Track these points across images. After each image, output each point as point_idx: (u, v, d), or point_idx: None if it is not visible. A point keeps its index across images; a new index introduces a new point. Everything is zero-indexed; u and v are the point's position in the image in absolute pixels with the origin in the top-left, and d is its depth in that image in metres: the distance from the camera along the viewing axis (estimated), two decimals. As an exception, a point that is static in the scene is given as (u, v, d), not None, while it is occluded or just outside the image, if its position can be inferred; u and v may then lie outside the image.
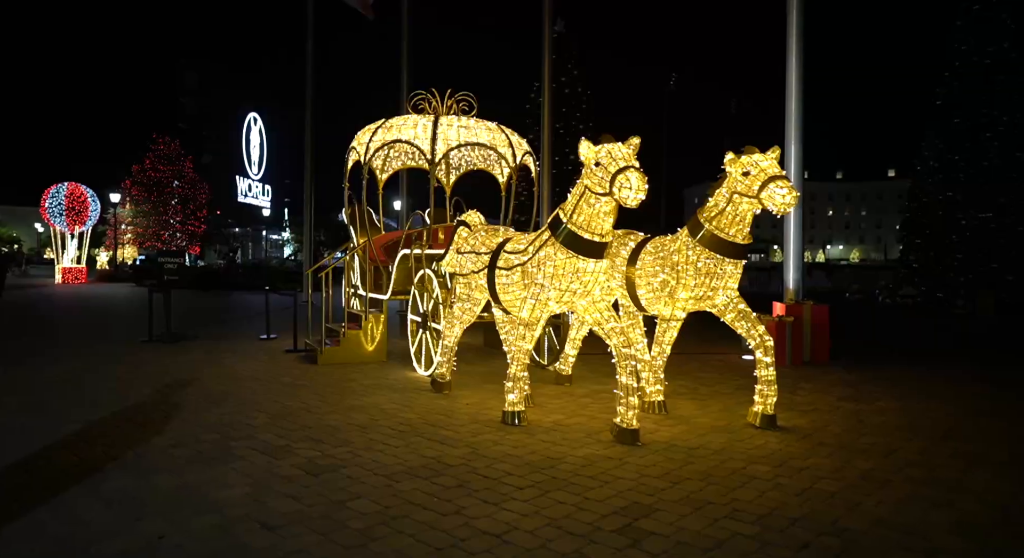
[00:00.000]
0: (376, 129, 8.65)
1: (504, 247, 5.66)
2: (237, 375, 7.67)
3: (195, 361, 8.64)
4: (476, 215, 6.57)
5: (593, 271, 5.08)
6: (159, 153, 35.85)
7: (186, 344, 10.26)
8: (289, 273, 29.22)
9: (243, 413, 5.84)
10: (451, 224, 8.80)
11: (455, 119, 8.68)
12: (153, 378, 7.44)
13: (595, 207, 4.89)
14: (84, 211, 29.33)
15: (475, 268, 5.99)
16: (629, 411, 4.96)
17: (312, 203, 19.54)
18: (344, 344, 8.60)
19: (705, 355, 9.45)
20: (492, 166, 10.60)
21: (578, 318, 6.90)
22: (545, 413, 5.89)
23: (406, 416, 5.74)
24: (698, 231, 5.44)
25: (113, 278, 31.01)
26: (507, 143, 8.81)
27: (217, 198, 46.23)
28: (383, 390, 6.88)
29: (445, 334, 6.60)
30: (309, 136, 19.19)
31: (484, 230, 6.21)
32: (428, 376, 7.57)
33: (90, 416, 5.68)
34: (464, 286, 6.28)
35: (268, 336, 10.95)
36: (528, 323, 5.33)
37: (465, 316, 6.38)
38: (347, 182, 9.66)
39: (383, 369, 8.14)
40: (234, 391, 6.79)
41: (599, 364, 8.48)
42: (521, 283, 5.42)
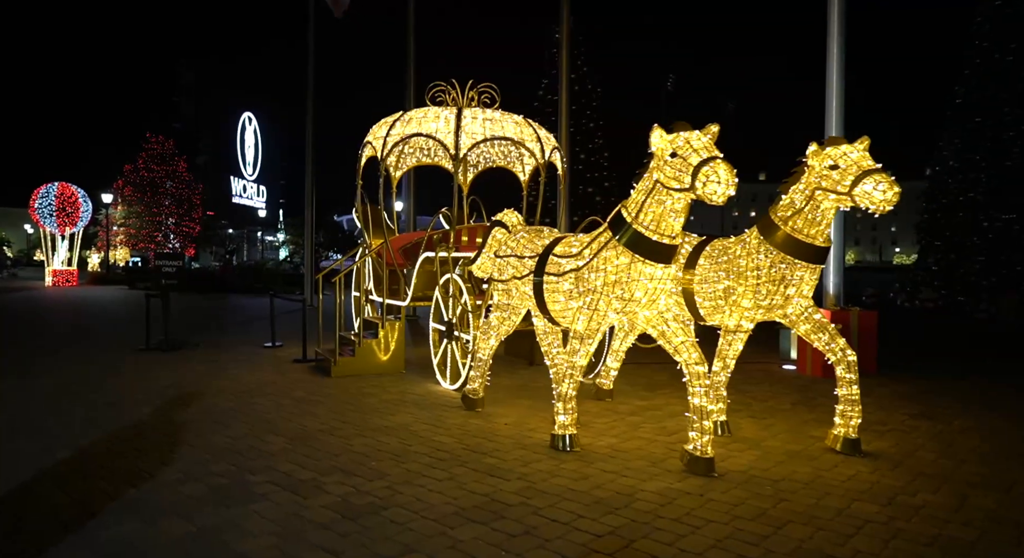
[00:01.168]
0: (394, 122, 8.03)
1: (553, 250, 5.05)
2: (244, 389, 7.02)
3: (197, 372, 7.99)
4: (513, 214, 5.96)
5: (660, 277, 4.47)
6: (153, 152, 35.00)
7: (186, 352, 9.59)
8: (286, 275, 28.53)
9: (257, 436, 5.20)
10: (481, 224, 8.18)
11: (479, 111, 8.07)
12: (153, 392, 6.79)
13: (665, 205, 4.29)
14: (75, 212, 28.52)
15: (518, 273, 5.38)
16: (703, 437, 4.35)
17: (314, 203, 18.90)
18: (359, 354, 7.96)
19: (742, 364, 8.85)
20: (513, 163, 10.00)
21: (623, 328, 6.29)
22: (595, 435, 5.28)
23: (441, 440, 5.11)
24: (771, 232, 4.84)
25: (105, 280, 30.21)
26: (535, 137, 8.20)
27: (211, 199, 45.46)
28: (408, 407, 6.25)
29: (479, 346, 5.98)
30: (310, 132, 18.55)
31: (526, 231, 5.59)
32: (455, 390, 6.96)
33: (85, 439, 5.04)
34: (503, 293, 5.66)
35: (273, 344, 10.29)
36: (584, 336, 4.72)
37: (503, 326, 5.76)
38: (360, 180, 9.04)
39: (403, 382, 7.51)
40: (243, 408, 6.14)
41: (635, 376, 7.89)
42: (575, 291, 4.81)
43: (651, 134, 4.21)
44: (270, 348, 10.12)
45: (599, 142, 21.36)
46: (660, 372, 8.16)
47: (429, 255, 7.59)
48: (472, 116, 7.91)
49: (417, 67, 16.21)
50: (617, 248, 4.49)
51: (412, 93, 15.71)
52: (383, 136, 8.10)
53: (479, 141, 7.84)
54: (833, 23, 9.51)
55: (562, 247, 5.01)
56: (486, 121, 7.95)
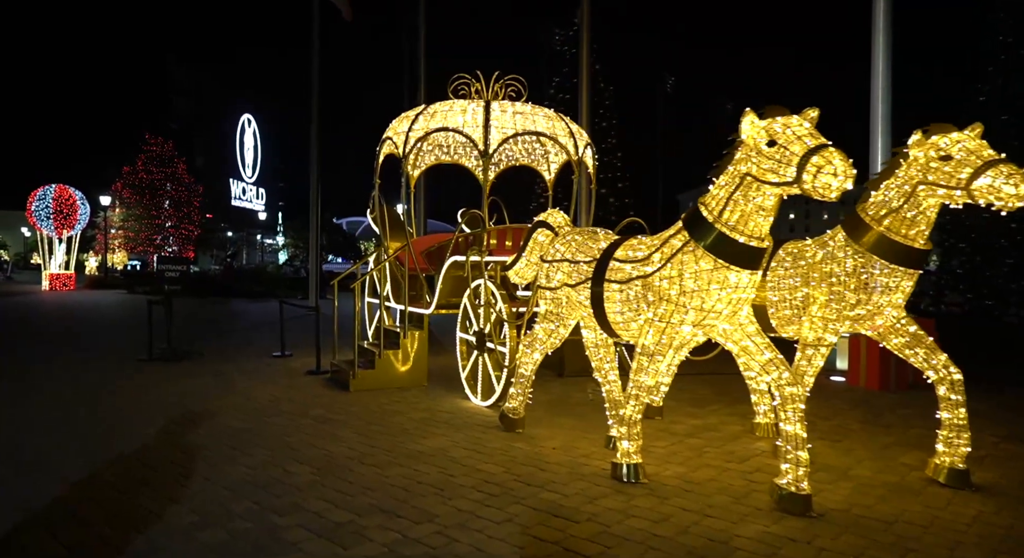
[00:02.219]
0: (416, 116, 7.45)
1: (613, 254, 4.46)
2: (258, 406, 6.42)
3: (205, 386, 7.38)
4: (559, 214, 5.37)
5: (746, 285, 3.89)
6: (151, 154, 34.42)
7: (190, 363, 8.99)
8: (288, 279, 27.92)
9: (278, 464, 4.60)
10: (517, 225, 7.59)
11: (507, 104, 7.50)
12: (158, 410, 6.19)
13: (754, 201, 3.71)
14: (73, 214, 27.90)
15: (570, 280, 4.79)
16: (799, 470, 3.76)
17: (319, 204, 18.31)
18: (379, 366, 7.37)
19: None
20: (537, 162, 9.43)
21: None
22: (658, 462, 4.69)
23: (488, 469, 4.52)
24: (861, 233, 4.27)
25: (103, 284, 29.55)
26: (567, 132, 7.62)
27: (209, 202, 44.83)
28: (441, 427, 5.66)
29: (522, 360, 5.38)
30: (315, 134, 17.98)
31: (578, 233, 5.01)
32: (488, 407, 6.37)
33: (83, 469, 4.44)
34: (551, 302, 5.07)
35: (283, 353, 9.69)
36: (654, 352, 4.13)
37: (551, 339, 5.17)
38: (378, 179, 8.45)
39: (429, 397, 6.92)
40: (259, 430, 5.55)
41: (675, 390, 7.28)
42: (642, 300, 4.23)
43: (741, 120, 3.63)
44: (279, 358, 9.52)
45: (612, 142, 20.81)
46: (702, 386, 7.58)
47: (457, 259, 7.00)
48: (501, 109, 7.34)
49: (427, 64, 15.68)
50: (696, 252, 3.91)
51: (424, 90, 15.17)
52: (405, 131, 7.52)
53: (509, 136, 7.25)
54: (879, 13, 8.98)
55: (624, 250, 4.42)
56: (516, 115, 7.37)
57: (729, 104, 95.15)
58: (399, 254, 8.44)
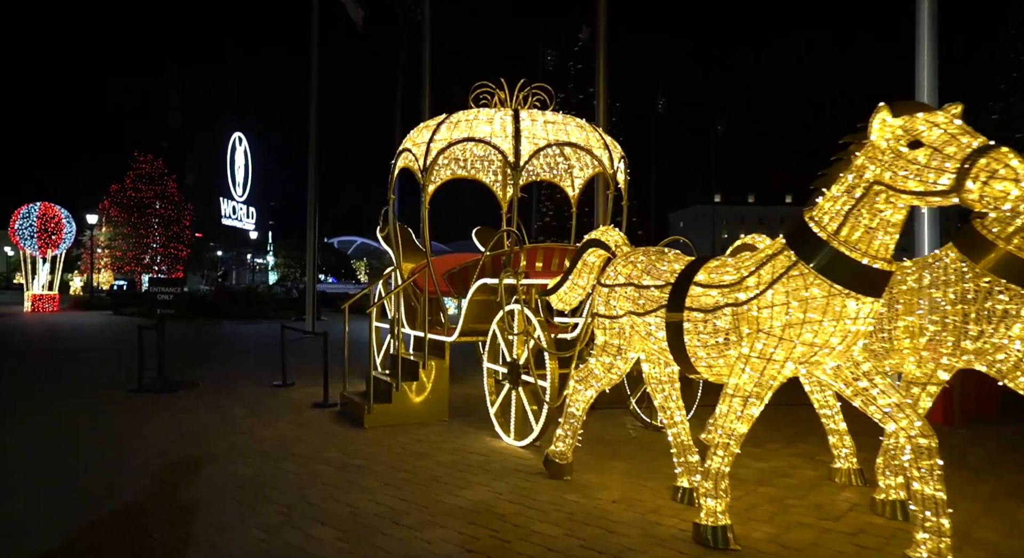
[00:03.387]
0: (438, 125, 6.84)
1: (694, 278, 3.83)
2: (264, 448, 5.70)
3: (202, 423, 6.64)
4: (615, 232, 4.75)
5: (866, 315, 3.27)
6: (141, 172, 33.64)
7: (184, 394, 8.24)
8: (279, 300, 27.11)
9: (296, 525, 3.89)
10: (557, 245, 6.93)
11: (537, 113, 6.91)
12: (150, 454, 5.45)
13: (882, 216, 3.11)
14: (58, 233, 27.02)
15: (637, 308, 4.14)
16: (940, 541, 3.12)
17: (316, 223, 17.63)
18: (396, 400, 6.66)
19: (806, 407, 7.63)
20: (561, 177, 8.84)
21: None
22: (740, 519, 4.01)
23: (546, 531, 3.83)
24: (983, 251, 3.67)
25: (88, 305, 28.58)
26: (602, 144, 7.04)
27: (199, 220, 43.99)
28: (477, 474, 4.96)
29: (573, 399, 4.71)
30: (313, 152, 17.37)
31: (642, 253, 4.37)
32: (523, 448, 5.69)
33: (59, 536, 3.71)
34: (611, 333, 4.41)
35: (284, 382, 8.96)
36: (750, 394, 3.49)
37: (608, 375, 4.50)
38: (392, 194, 7.82)
39: (453, 435, 6.22)
40: (268, 477, 4.83)
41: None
42: (732, 333, 3.59)
43: (872, 118, 3.03)
44: (281, 387, 8.78)
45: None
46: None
47: (487, 282, 6.34)
48: (531, 118, 6.74)
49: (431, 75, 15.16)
50: (806, 275, 3.29)
51: (428, 102, 14.61)
52: (425, 142, 6.90)
53: (541, 147, 6.65)
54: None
55: (708, 273, 3.79)
56: (548, 124, 6.77)
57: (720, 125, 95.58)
58: (419, 276, 7.79)
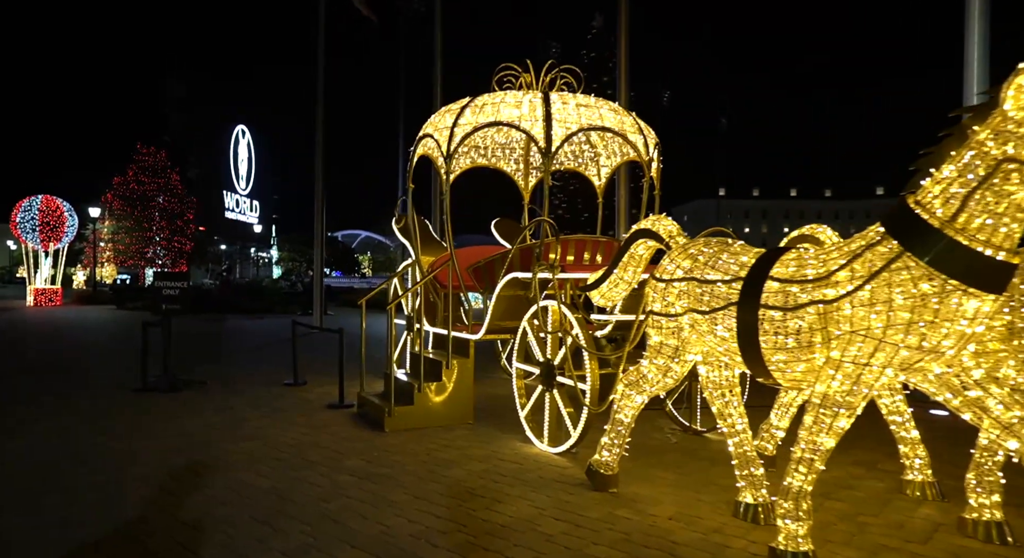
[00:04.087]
0: (462, 109, 6.40)
1: (769, 271, 3.39)
2: (280, 454, 5.29)
3: (211, 426, 6.24)
4: (668, 221, 4.31)
5: (985, 315, 2.84)
6: (143, 164, 33.21)
7: (191, 394, 7.84)
8: (285, 294, 26.72)
9: (323, 549, 3.48)
10: (595, 237, 6.49)
11: (568, 95, 6.47)
12: (156, 462, 5.05)
13: (1012, 199, 2.67)
14: (60, 226, 26.62)
15: (701, 305, 3.71)
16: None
17: (324, 216, 17.21)
18: (419, 401, 6.25)
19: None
20: (585, 166, 8.40)
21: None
22: (816, 541, 3.58)
23: (603, 556, 3.41)
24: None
25: (91, 299, 28.23)
26: (637, 129, 6.59)
27: (202, 214, 43.59)
28: (514, 485, 4.54)
29: (623, 404, 4.29)
30: (320, 143, 16.92)
31: (704, 244, 3.94)
32: (558, 454, 5.28)
33: (60, 555, 3.31)
34: (668, 333, 3.98)
35: (295, 381, 8.55)
36: (842, 404, 3.06)
37: (664, 379, 4.08)
38: (411, 183, 7.39)
39: (481, 439, 5.81)
40: (286, 489, 4.42)
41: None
42: (818, 334, 3.16)
43: (1008, 83, 2.59)
44: (292, 387, 8.38)
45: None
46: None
47: (518, 275, 5.91)
48: (562, 101, 6.30)
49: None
50: (912, 269, 2.85)
51: (440, 90, 14.15)
52: (448, 127, 6.47)
53: (573, 131, 6.20)
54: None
55: (786, 266, 3.35)
56: (580, 107, 6.32)
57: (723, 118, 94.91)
58: (433, 270, 7.36)
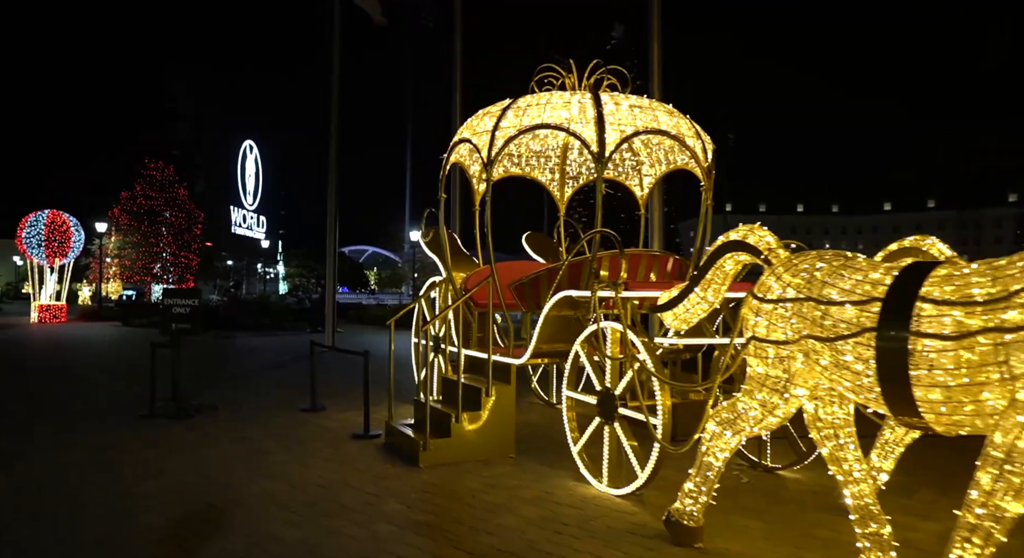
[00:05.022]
0: (503, 111, 5.86)
1: (917, 291, 2.79)
2: (307, 497, 4.67)
3: (227, 461, 5.63)
4: (765, 232, 3.72)
5: None
6: (151, 179, 32.85)
7: (203, 421, 7.24)
8: (293, 311, 26.17)
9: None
10: (656, 252, 5.90)
11: (620, 96, 5.92)
12: (167, 507, 4.44)
13: None
14: (66, 242, 26.18)
15: (823, 331, 3.10)
16: None
17: (336, 232, 16.67)
18: (456, 433, 5.64)
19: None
20: (627, 175, 7.83)
21: None
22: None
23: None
24: None
25: (97, 316, 27.72)
26: (694, 133, 6.03)
27: (209, 229, 43.22)
28: (582, 538, 3.92)
29: (713, 445, 3.68)
30: (333, 158, 16.44)
31: (818, 259, 3.34)
32: (620, 496, 4.65)
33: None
34: (775, 363, 3.37)
35: (313, 406, 7.95)
36: (1030, 457, 2.45)
37: (768, 418, 3.46)
38: (443, 193, 6.84)
39: (528, 477, 5.18)
40: (319, 544, 3.80)
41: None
42: (995, 369, 2.55)
43: None
44: (309, 412, 7.78)
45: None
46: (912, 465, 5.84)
47: (571, 294, 5.32)
48: (614, 101, 5.74)
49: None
50: None
51: (459, 100, 13.66)
52: (488, 130, 5.92)
53: (629, 135, 5.63)
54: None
55: (939, 285, 2.75)
56: (633, 108, 5.76)
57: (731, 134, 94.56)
58: (468, 287, 6.79)
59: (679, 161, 6.96)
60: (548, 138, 7.53)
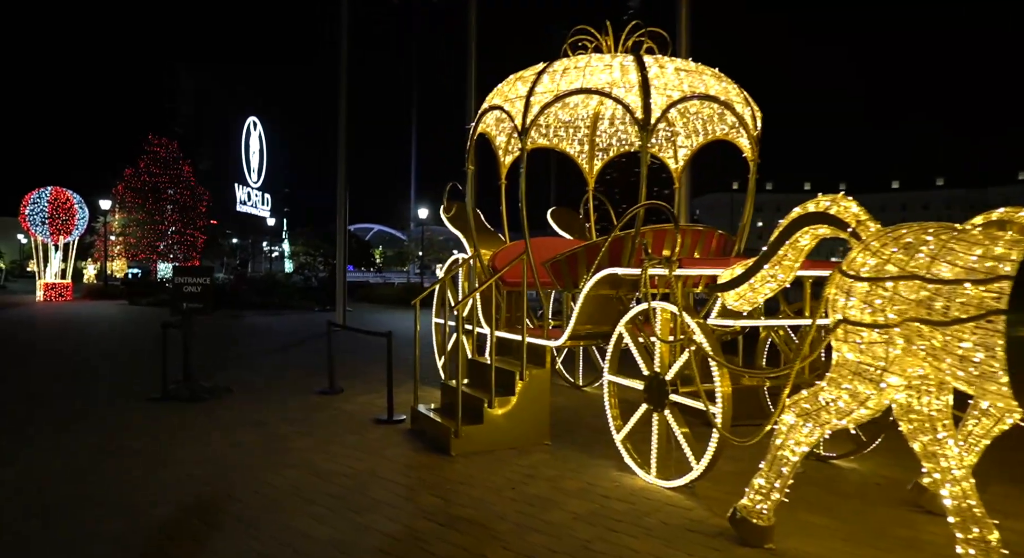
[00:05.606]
0: (539, 75, 5.44)
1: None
2: (333, 489, 4.35)
3: (245, 448, 5.31)
4: (852, 203, 3.33)
5: None
6: (155, 156, 32.35)
7: (216, 404, 6.93)
8: (301, 290, 25.86)
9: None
10: (691, 226, 5.49)
11: (665, 58, 5.48)
12: (183, 498, 4.12)
13: None
14: (70, 219, 25.82)
15: (932, 313, 2.73)
16: None
17: (346, 208, 16.28)
18: (488, 419, 5.30)
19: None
20: (661, 147, 7.40)
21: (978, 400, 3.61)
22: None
23: None
24: None
25: (102, 294, 27.44)
26: (744, 99, 5.59)
27: (214, 207, 42.83)
28: (636, 534, 3.59)
29: (793, 440, 3.32)
30: (343, 133, 15.99)
31: (921, 231, 2.95)
32: (672, 488, 4.32)
33: None
34: (871, 350, 3.00)
35: (331, 388, 7.64)
36: None
37: (858, 411, 3.10)
38: (471, 165, 6.44)
39: (568, 466, 4.85)
40: (352, 544, 3.48)
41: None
42: None
43: None
44: (327, 395, 7.47)
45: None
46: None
47: (616, 272, 4.93)
48: (658, 64, 5.31)
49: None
50: None
51: (474, 72, 13.15)
52: (522, 96, 5.50)
53: (676, 100, 5.21)
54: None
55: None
56: (679, 72, 5.33)
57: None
58: (496, 265, 6.43)
59: (718, 131, 6.53)
60: (579, 107, 7.12)
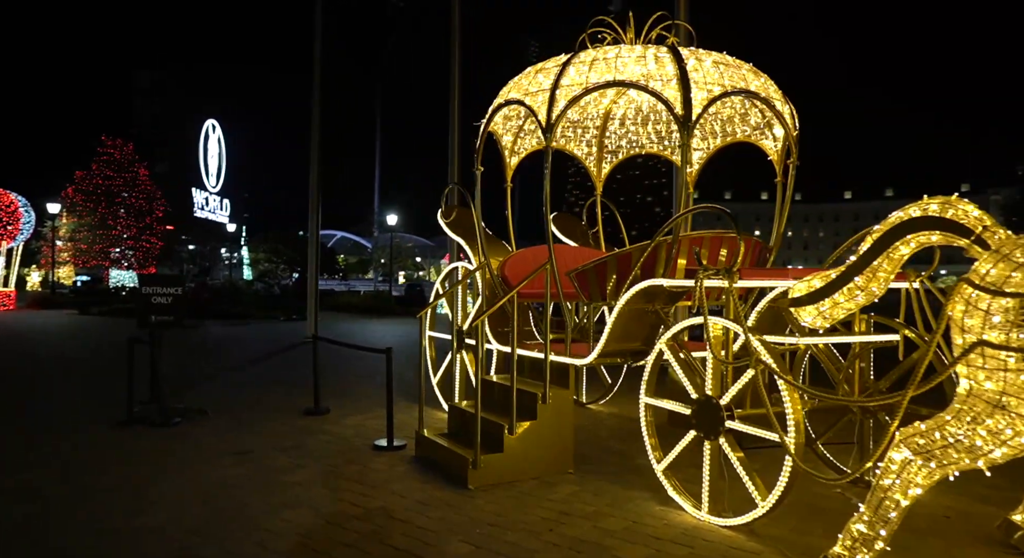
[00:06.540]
0: (563, 66, 4.95)
1: None
2: (345, 535, 3.74)
3: (231, 484, 4.65)
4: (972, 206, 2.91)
5: None
6: (109, 158, 30.81)
7: (190, 429, 6.22)
8: (266, 298, 24.87)
9: None
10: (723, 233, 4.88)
11: (701, 51, 5.06)
12: (173, 553, 3.47)
13: None
14: (14, 223, 24.32)
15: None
16: None
17: (319, 213, 15.55)
18: (509, 447, 4.75)
19: None
20: (674, 149, 7.00)
21: None
22: None
23: None
24: None
25: (50, 303, 25.92)
26: (781, 95, 5.20)
27: (171, 212, 41.15)
28: (716, 594, 3.10)
29: (901, 481, 2.87)
30: (316, 135, 15.30)
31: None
32: (728, 527, 3.84)
33: None
34: (1009, 378, 2.58)
35: (317, 408, 6.99)
36: None
37: (998, 447, 2.67)
38: (480, 166, 5.92)
39: (602, 500, 4.34)
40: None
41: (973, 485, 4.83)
42: None
43: None
44: (314, 416, 6.83)
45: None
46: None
47: (658, 283, 4.45)
48: (695, 57, 4.88)
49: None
50: None
51: (457, 81, 12.64)
52: (546, 89, 5.01)
53: (718, 95, 4.78)
54: None
55: None
56: (718, 65, 4.91)
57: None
58: (506, 274, 5.91)
59: (739, 133, 6.16)
60: (590, 105, 6.66)
